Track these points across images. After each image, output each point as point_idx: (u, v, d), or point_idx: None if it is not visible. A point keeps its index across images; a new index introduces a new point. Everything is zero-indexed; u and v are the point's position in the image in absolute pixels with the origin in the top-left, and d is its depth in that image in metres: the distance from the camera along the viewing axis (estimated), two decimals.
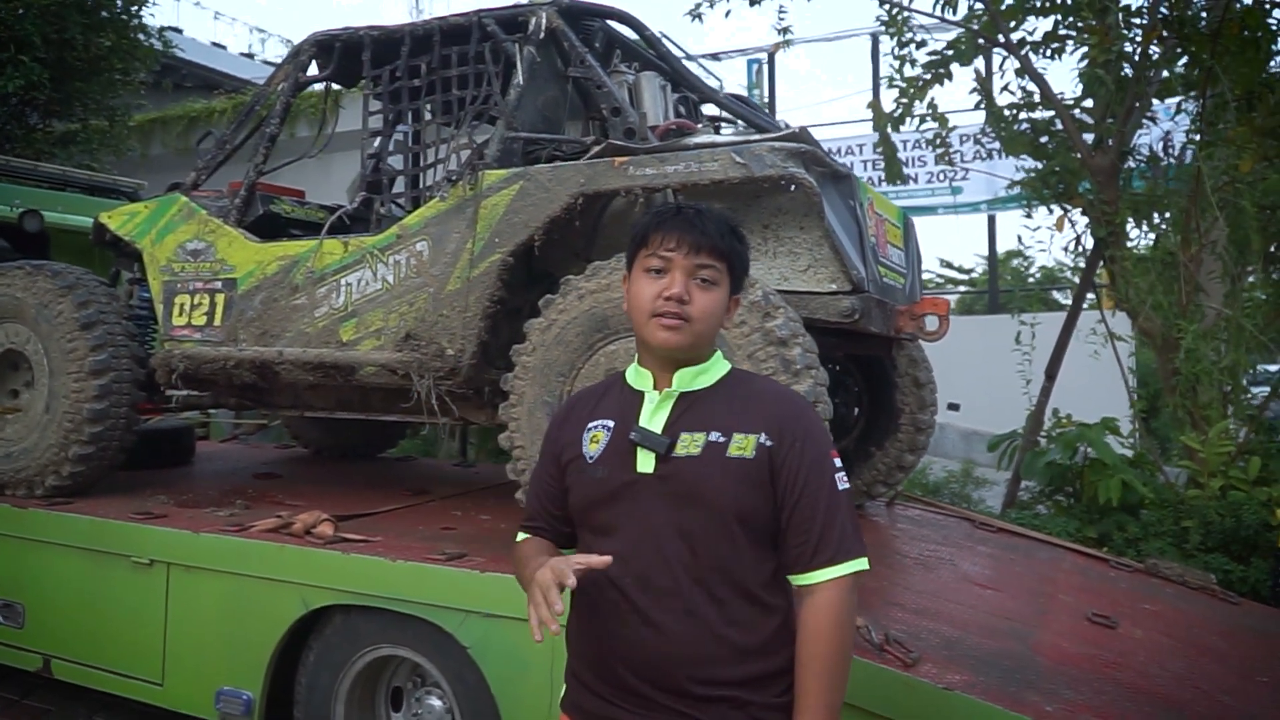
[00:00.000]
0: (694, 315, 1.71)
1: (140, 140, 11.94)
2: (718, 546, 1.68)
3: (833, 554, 1.67)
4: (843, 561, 1.67)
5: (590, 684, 1.76)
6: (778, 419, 1.71)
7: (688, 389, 1.76)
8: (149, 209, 4.12)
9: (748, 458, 1.68)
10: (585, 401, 1.88)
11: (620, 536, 1.73)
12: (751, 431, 1.70)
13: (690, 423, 1.73)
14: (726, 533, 1.68)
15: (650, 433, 1.73)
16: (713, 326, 1.75)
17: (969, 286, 19.39)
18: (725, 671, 1.66)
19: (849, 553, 1.68)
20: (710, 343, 1.78)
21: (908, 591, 3.10)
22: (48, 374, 3.95)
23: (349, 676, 3.06)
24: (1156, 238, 6.23)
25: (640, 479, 1.72)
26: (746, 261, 1.83)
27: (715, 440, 1.70)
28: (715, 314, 1.74)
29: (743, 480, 1.68)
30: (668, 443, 1.71)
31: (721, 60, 13.79)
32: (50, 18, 8.62)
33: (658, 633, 1.68)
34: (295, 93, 4.03)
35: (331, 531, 3.26)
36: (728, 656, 1.66)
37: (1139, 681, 2.68)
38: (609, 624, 1.73)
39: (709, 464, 1.69)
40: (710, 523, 1.68)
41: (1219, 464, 5.21)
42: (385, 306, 3.46)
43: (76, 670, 3.57)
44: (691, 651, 1.66)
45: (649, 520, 1.71)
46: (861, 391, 4.27)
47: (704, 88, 3.96)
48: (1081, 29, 5.95)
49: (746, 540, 1.69)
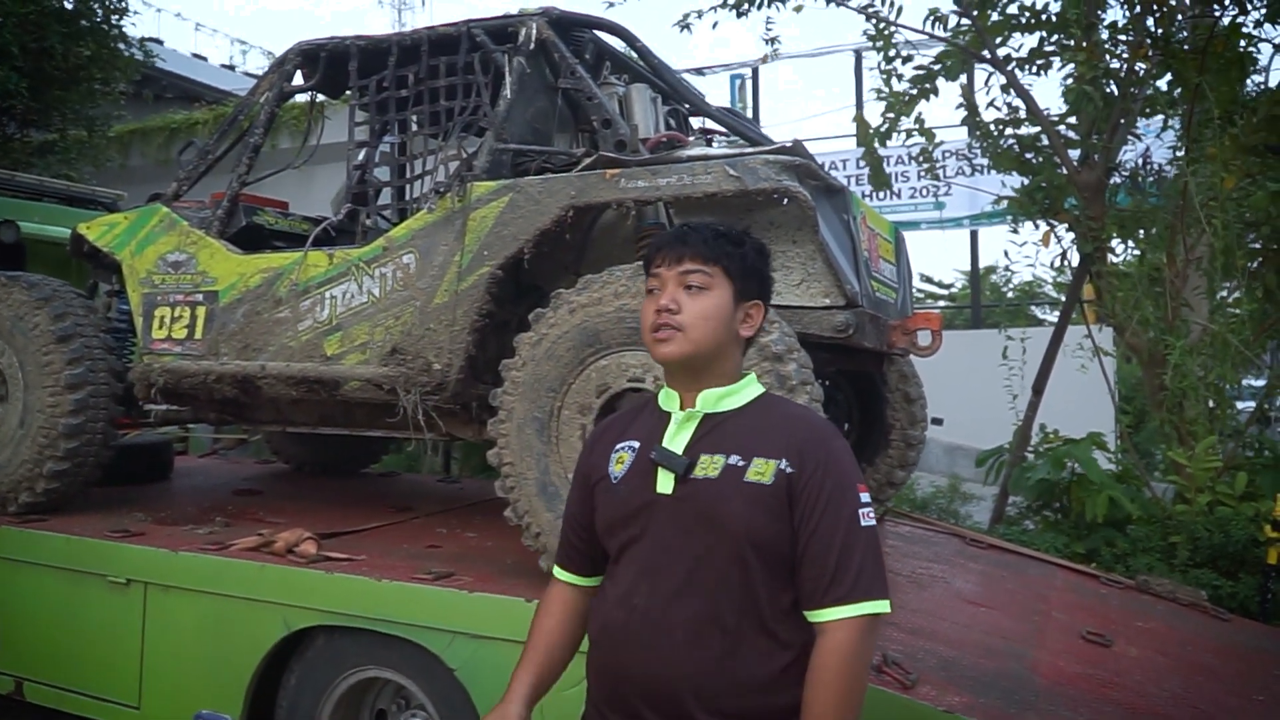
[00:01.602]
0: (685, 323, 1.69)
1: (120, 151, 11.83)
2: (730, 573, 1.63)
3: (846, 591, 1.59)
4: (858, 601, 1.59)
5: (603, 704, 1.73)
6: (800, 445, 1.66)
7: (713, 410, 1.73)
8: (129, 220, 4.05)
9: (765, 483, 1.63)
10: (616, 425, 1.88)
11: (637, 557, 1.71)
12: (773, 457, 1.65)
13: (712, 445, 1.69)
14: (740, 559, 1.63)
15: (670, 453, 1.70)
16: (712, 332, 1.71)
17: (949, 302, 19.48)
18: (725, 705, 1.61)
19: (866, 592, 1.59)
20: (719, 352, 1.73)
21: (902, 610, 3.06)
22: (22, 388, 3.86)
23: (332, 699, 2.99)
24: (1142, 253, 6.25)
25: (659, 499, 1.69)
26: (749, 263, 1.77)
27: (734, 464, 1.66)
28: (711, 317, 1.70)
29: (759, 506, 1.63)
30: (686, 463, 1.68)
31: (705, 75, 13.83)
32: (29, 26, 8.54)
33: (664, 658, 1.64)
34: (279, 103, 3.98)
35: (314, 550, 3.20)
36: (730, 688, 1.61)
37: (1137, 701, 2.66)
38: (619, 646, 1.70)
39: (726, 487, 1.65)
40: (724, 548, 1.64)
41: (1206, 479, 5.20)
42: (371, 320, 3.40)
43: (50, 693, 3.48)
44: (696, 681, 1.62)
45: (664, 542, 1.68)
46: (852, 407, 4.24)
47: (695, 100, 3.93)
48: (1067, 46, 5.97)
49: (762, 569, 1.63)
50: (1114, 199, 6.21)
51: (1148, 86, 5.89)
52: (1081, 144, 6.04)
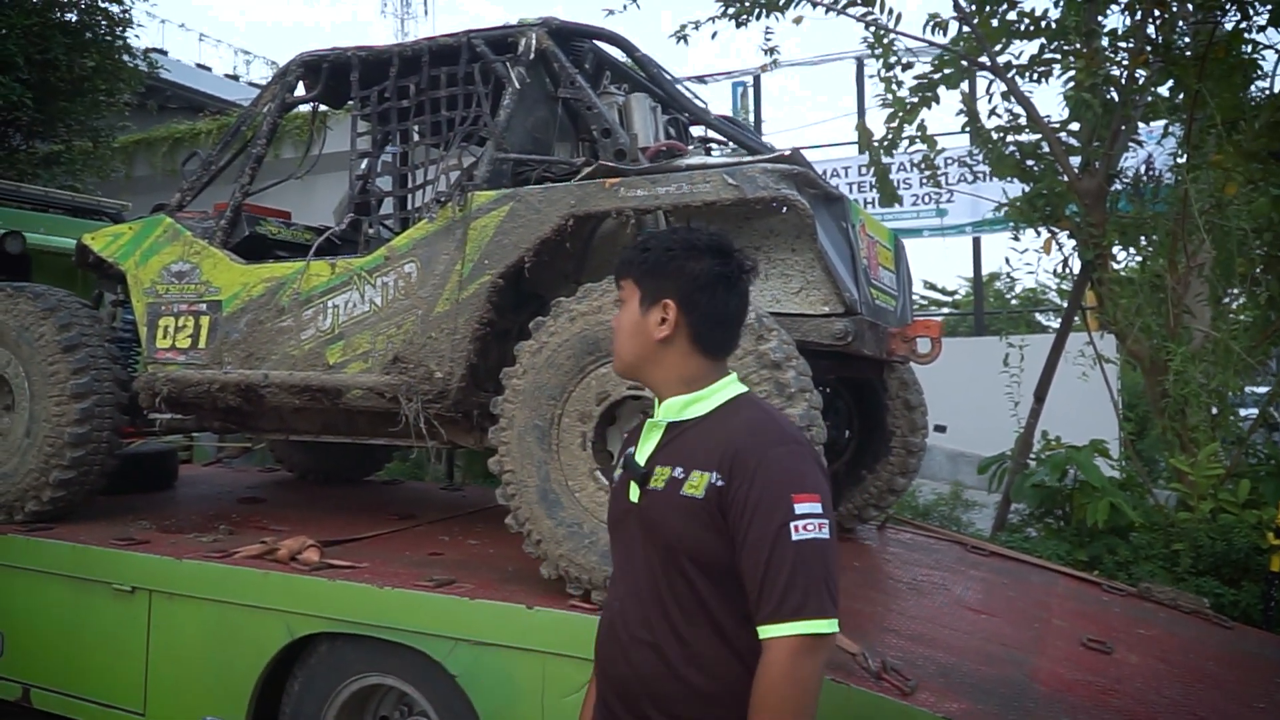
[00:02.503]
0: (614, 340, 1.79)
1: (125, 161, 11.90)
2: (676, 583, 1.64)
3: (773, 610, 1.51)
4: (789, 620, 1.50)
5: (599, 701, 1.79)
6: (733, 455, 1.60)
7: (677, 418, 1.72)
8: (133, 230, 4.08)
9: (697, 497, 1.61)
10: (634, 431, 1.91)
11: (617, 563, 1.79)
12: (707, 469, 1.62)
13: (668, 455, 1.70)
14: (682, 571, 1.64)
15: (633, 462, 1.75)
16: (629, 344, 1.75)
17: (953, 309, 19.45)
18: (682, 709, 1.63)
19: (795, 611, 1.50)
20: (647, 360, 1.73)
21: (902, 617, 3.07)
22: (28, 397, 3.88)
23: (334, 706, 3.00)
24: (1143, 260, 6.25)
25: (630, 508, 1.74)
26: (653, 264, 1.71)
27: (676, 476, 1.66)
28: (623, 330, 1.76)
29: (691, 520, 1.62)
30: (643, 473, 1.71)
31: (707, 84, 13.86)
32: (33, 38, 8.59)
33: (627, 660, 1.68)
34: (282, 113, 4.00)
35: (317, 557, 3.22)
36: (684, 695, 1.62)
37: (1136, 709, 2.66)
38: (601, 645, 1.78)
39: (667, 500, 1.66)
40: (666, 559, 1.65)
41: (1208, 487, 5.20)
42: (373, 329, 3.42)
43: (57, 700, 3.50)
44: (653, 686, 1.65)
45: (631, 550, 1.73)
46: (853, 414, 4.25)
47: (694, 109, 3.95)
48: (1068, 53, 5.98)
49: (706, 581, 1.63)
50: (1115, 206, 6.21)
51: (1148, 93, 5.90)
52: (1082, 151, 6.05)
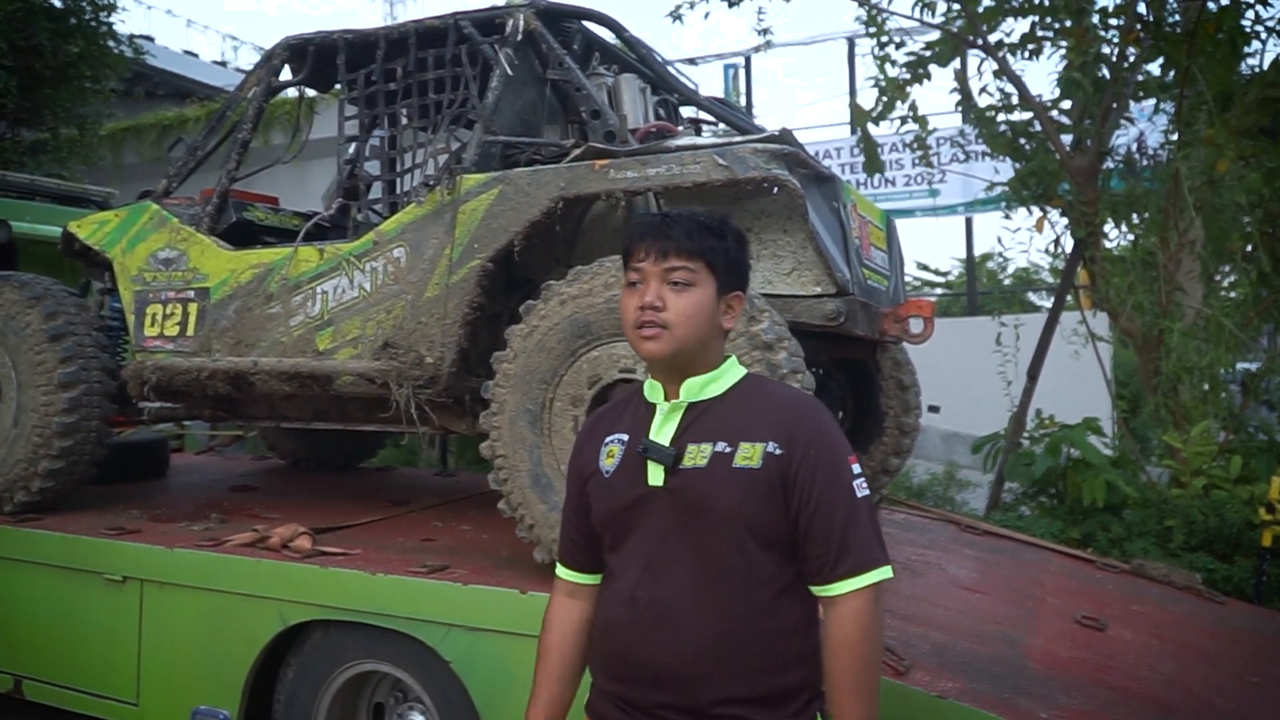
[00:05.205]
0: (671, 320, 1.68)
1: (112, 149, 11.81)
2: (729, 559, 1.65)
3: (854, 564, 1.63)
4: (866, 571, 1.63)
5: (608, 694, 1.75)
6: (787, 425, 1.67)
7: (696, 399, 1.73)
8: (119, 217, 4.04)
9: (754, 467, 1.65)
10: (605, 419, 1.87)
11: (635, 549, 1.72)
12: (758, 440, 1.66)
13: (698, 434, 1.70)
14: (738, 544, 1.65)
15: (657, 445, 1.71)
16: (697, 329, 1.70)
17: (946, 289, 19.47)
18: (737, 689, 1.63)
19: (872, 561, 1.64)
20: (703, 345, 1.72)
21: (896, 597, 3.07)
22: (16, 387, 3.85)
23: (329, 693, 3.00)
24: (1135, 238, 6.25)
25: (651, 492, 1.71)
26: (732, 256, 1.76)
27: (721, 450, 1.67)
28: (695, 315, 1.69)
29: (750, 491, 1.64)
30: (674, 454, 1.69)
31: (698, 65, 13.81)
32: (17, 24, 8.50)
33: (673, 648, 1.65)
34: (268, 98, 3.96)
35: (309, 545, 3.20)
36: (738, 674, 1.63)
37: (1130, 685, 2.67)
38: (624, 638, 1.72)
39: (715, 475, 1.66)
40: (720, 534, 1.65)
41: (1201, 463, 5.22)
42: (362, 314, 3.40)
43: (49, 691, 3.49)
44: (707, 668, 1.64)
45: (660, 533, 1.69)
46: (846, 395, 4.24)
47: (684, 90, 3.91)
48: (1058, 31, 5.96)
49: (760, 551, 1.65)
50: (1107, 184, 6.21)
51: (1139, 71, 5.88)
52: (1074, 129, 6.03)
